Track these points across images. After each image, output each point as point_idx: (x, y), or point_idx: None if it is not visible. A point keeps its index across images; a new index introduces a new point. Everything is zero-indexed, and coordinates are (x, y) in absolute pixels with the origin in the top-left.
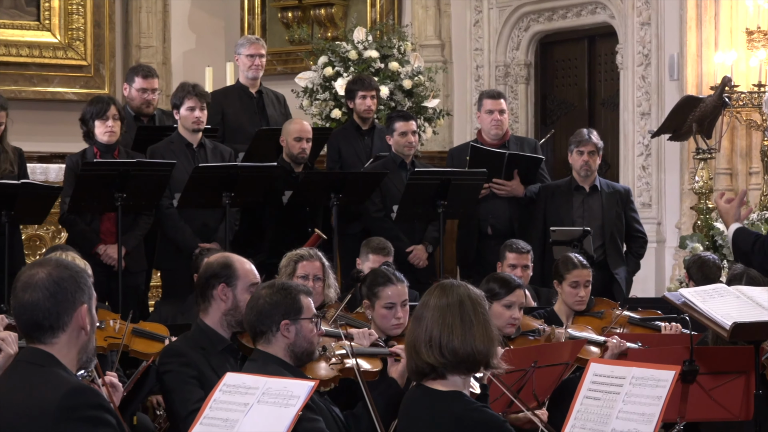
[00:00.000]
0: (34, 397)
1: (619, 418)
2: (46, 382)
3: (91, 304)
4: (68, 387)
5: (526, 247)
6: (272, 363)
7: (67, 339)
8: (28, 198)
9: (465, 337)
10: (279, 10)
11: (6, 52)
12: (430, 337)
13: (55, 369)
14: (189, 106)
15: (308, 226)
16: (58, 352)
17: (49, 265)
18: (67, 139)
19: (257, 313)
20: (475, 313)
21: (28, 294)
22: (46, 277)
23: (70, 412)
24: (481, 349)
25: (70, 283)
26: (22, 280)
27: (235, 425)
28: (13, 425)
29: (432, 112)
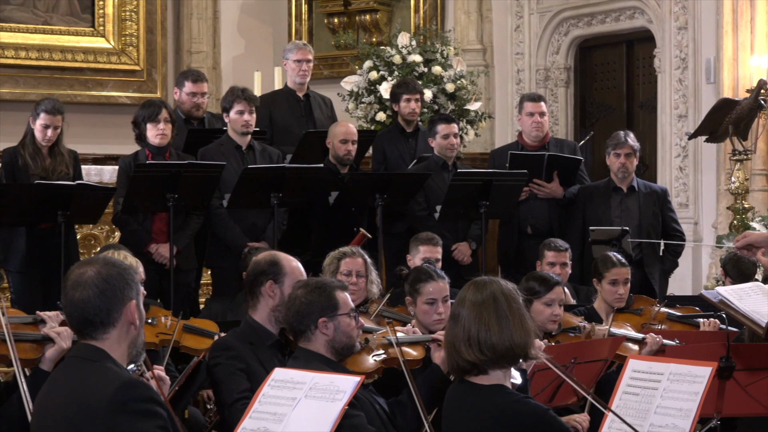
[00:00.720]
0: (88, 392)
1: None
2: (99, 377)
3: (139, 299)
4: (120, 381)
5: (564, 246)
6: (314, 360)
7: (118, 334)
8: (83, 199)
9: (502, 332)
10: (325, 16)
11: (62, 58)
12: (468, 335)
13: (107, 363)
14: (238, 109)
15: (353, 226)
16: (109, 347)
17: (98, 263)
18: (121, 141)
19: (295, 313)
20: (509, 308)
21: (78, 292)
22: (95, 275)
23: (122, 406)
24: (519, 341)
25: (118, 280)
26: (72, 278)
27: (283, 419)
28: (67, 419)
29: (474, 115)
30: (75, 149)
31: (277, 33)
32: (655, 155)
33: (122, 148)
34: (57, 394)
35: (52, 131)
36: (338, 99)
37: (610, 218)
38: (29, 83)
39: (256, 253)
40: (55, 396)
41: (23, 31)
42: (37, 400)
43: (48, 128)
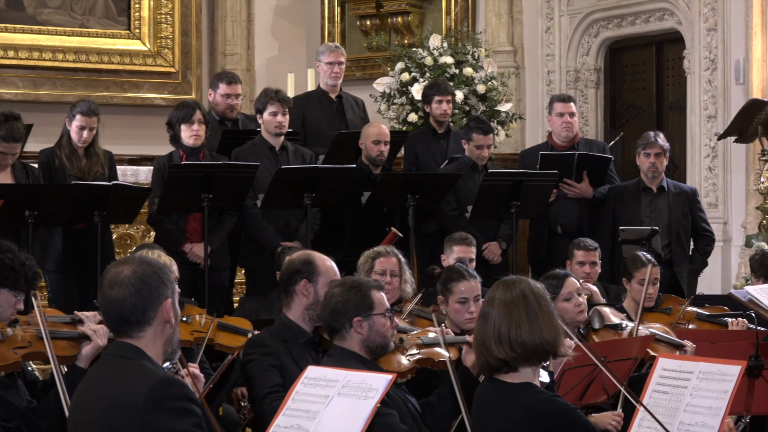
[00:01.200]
0: (124, 389)
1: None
2: (134, 375)
3: (174, 298)
4: (156, 379)
5: (593, 245)
6: (348, 358)
7: (153, 332)
8: (119, 199)
9: (533, 329)
10: (358, 19)
11: (98, 60)
12: (498, 333)
13: (143, 361)
14: (272, 111)
15: (386, 226)
16: (145, 345)
17: (133, 262)
18: (157, 142)
19: (331, 311)
20: (539, 306)
21: (115, 291)
22: (131, 274)
23: (157, 403)
24: (549, 339)
25: (153, 279)
26: (108, 277)
27: (316, 416)
28: (104, 416)
29: (505, 116)
30: (111, 150)
31: (310, 35)
32: (684, 156)
33: (157, 149)
34: (94, 391)
35: (88, 132)
36: (370, 100)
37: (640, 218)
38: (66, 85)
39: (290, 253)
40: (92, 393)
41: (61, 34)
42: (74, 396)
43: (84, 129)
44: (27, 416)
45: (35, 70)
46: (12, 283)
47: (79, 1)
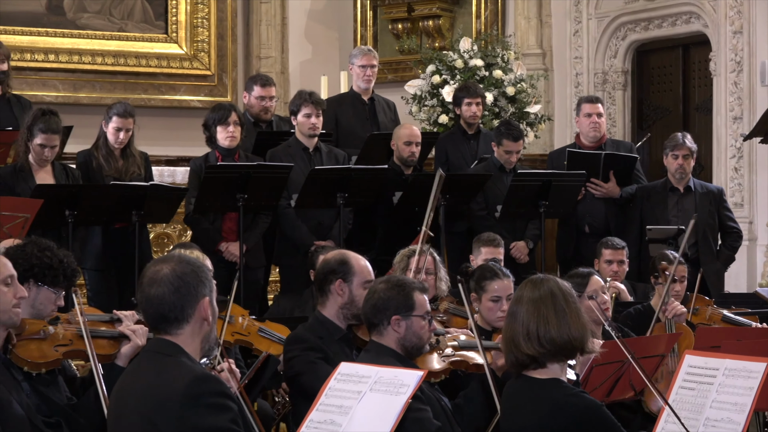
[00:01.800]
0: (162, 385)
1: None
2: (172, 371)
3: (212, 296)
4: (193, 375)
5: (621, 244)
6: (385, 354)
7: (191, 330)
8: (156, 199)
9: (560, 326)
10: (389, 22)
11: (136, 63)
12: (527, 330)
13: (180, 358)
14: (306, 112)
15: (417, 225)
16: (183, 342)
17: (172, 261)
18: (193, 143)
19: (371, 306)
20: (566, 303)
21: (154, 289)
22: (170, 273)
23: (195, 400)
24: (576, 335)
25: (192, 278)
26: (148, 276)
27: (349, 412)
28: (142, 411)
29: (534, 117)
30: (148, 151)
31: (342, 38)
32: (710, 156)
33: (194, 150)
34: (132, 386)
35: (124, 134)
36: (402, 102)
37: (667, 217)
38: (105, 88)
39: (323, 252)
40: (131, 388)
41: (100, 37)
42: (113, 393)
43: (120, 131)
44: (67, 413)
45: (75, 73)
46: (51, 280)
47: (118, 6)
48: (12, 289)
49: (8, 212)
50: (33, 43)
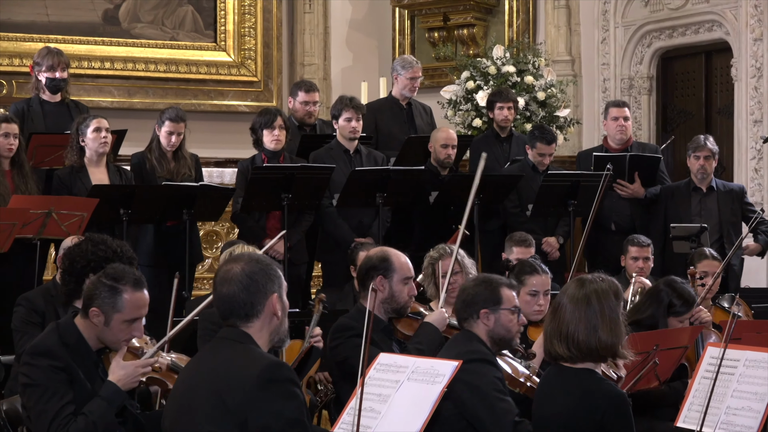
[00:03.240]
0: (235, 368)
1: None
2: (246, 356)
3: (281, 292)
4: (268, 361)
5: (646, 241)
6: (475, 340)
7: (261, 324)
8: (206, 198)
9: (589, 333)
10: (426, 31)
11: (187, 70)
12: (560, 331)
13: (251, 345)
14: (347, 117)
15: (452, 223)
16: (254, 334)
17: (243, 260)
18: (240, 146)
19: (462, 302)
20: (601, 311)
21: (226, 287)
22: (240, 272)
23: (267, 384)
24: (606, 342)
25: (261, 276)
26: (220, 275)
27: (388, 400)
28: (213, 389)
29: (563, 121)
30: (198, 153)
31: (382, 46)
32: (731, 158)
33: (241, 153)
34: (205, 370)
35: (176, 137)
36: (438, 107)
37: (690, 216)
38: (158, 94)
39: (363, 248)
40: (203, 372)
41: (152, 46)
42: (183, 374)
43: (172, 134)
44: (136, 418)
45: (129, 80)
46: None
47: (170, 16)
48: (132, 326)
49: (66, 211)
50: (90, 52)
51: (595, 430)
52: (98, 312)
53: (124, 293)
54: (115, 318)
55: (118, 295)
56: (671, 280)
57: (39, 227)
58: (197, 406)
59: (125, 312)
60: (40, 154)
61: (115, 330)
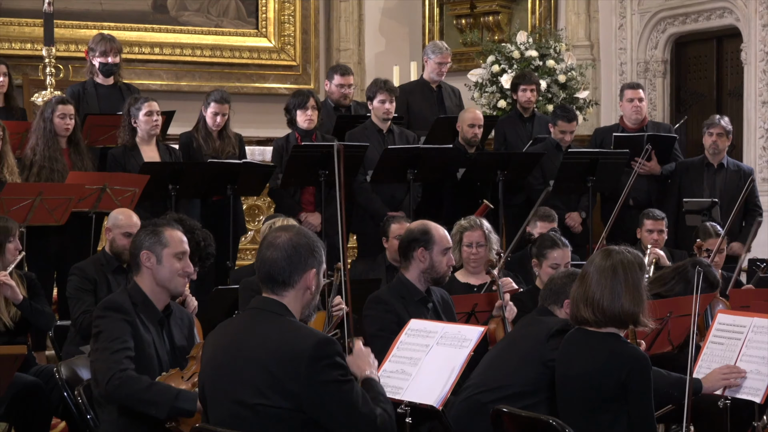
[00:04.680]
0: (288, 342)
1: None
2: (296, 332)
3: (320, 269)
4: (318, 338)
5: (660, 215)
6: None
7: (294, 295)
8: (248, 175)
9: (614, 300)
10: (454, 18)
11: (231, 55)
12: (586, 296)
13: (292, 318)
14: (380, 99)
15: (478, 198)
16: (288, 305)
17: (292, 231)
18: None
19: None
20: (626, 279)
21: (270, 252)
22: (286, 241)
23: (320, 360)
24: (628, 309)
25: (305, 249)
26: (268, 239)
27: (418, 363)
28: (262, 362)
29: (582, 102)
30: (242, 133)
31: (412, 32)
32: (741, 137)
33: (281, 132)
34: (248, 339)
35: (221, 118)
36: (465, 89)
37: (702, 191)
38: (204, 77)
39: (395, 221)
40: (246, 341)
41: (199, 33)
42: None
43: (217, 115)
44: None
45: (177, 64)
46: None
47: (215, 5)
48: (182, 262)
49: (119, 186)
50: (140, 38)
51: (618, 388)
52: (148, 254)
53: (165, 231)
54: (164, 253)
55: (160, 233)
56: (698, 262)
57: (94, 202)
58: (244, 377)
59: (171, 245)
60: (94, 133)
61: (167, 266)
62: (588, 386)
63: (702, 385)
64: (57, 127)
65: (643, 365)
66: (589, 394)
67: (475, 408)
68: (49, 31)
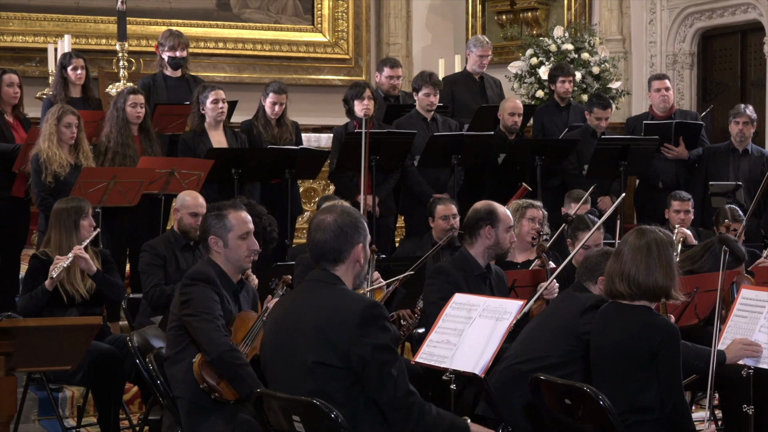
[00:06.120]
0: (340, 307)
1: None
2: (347, 297)
3: (365, 242)
4: (368, 302)
5: (687, 196)
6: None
7: (346, 268)
8: (305, 159)
9: (648, 274)
10: (495, 14)
11: (289, 49)
12: (622, 271)
13: (344, 287)
14: (425, 92)
15: (518, 181)
16: (341, 277)
17: (335, 212)
18: (334, 115)
19: (585, 268)
20: (659, 255)
21: (319, 234)
22: (332, 222)
23: (369, 321)
24: (661, 283)
25: (350, 228)
26: (315, 223)
27: (462, 333)
28: (318, 325)
29: (615, 92)
30: (298, 121)
31: (456, 28)
32: (763, 124)
33: (335, 120)
34: (304, 306)
35: (279, 107)
36: (506, 80)
37: (728, 174)
38: (263, 69)
39: (440, 202)
40: (305, 308)
41: (259, 28)
42: (278, 310)
43: (275, 105)
44: None
45: (239, 58)
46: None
47: (274, 2)
48: (247, 242)
49: (186, 170)
50: (205, 34)
51: (649, 357)
52: (215, 238)
53: (229, 214)
54: (230, 237)
55: (225, 218)
56: (725, 238)
57: (163, 184)
58: (301, 339)
59: (235, 228)
60: (163, 121)
61: (234, 248)
62: (621, 355)
63: (725, 357)
64: (129, 115)
65: (674, 336)
66: (622, 362)
67: (515, 376)
68: (122, 28)
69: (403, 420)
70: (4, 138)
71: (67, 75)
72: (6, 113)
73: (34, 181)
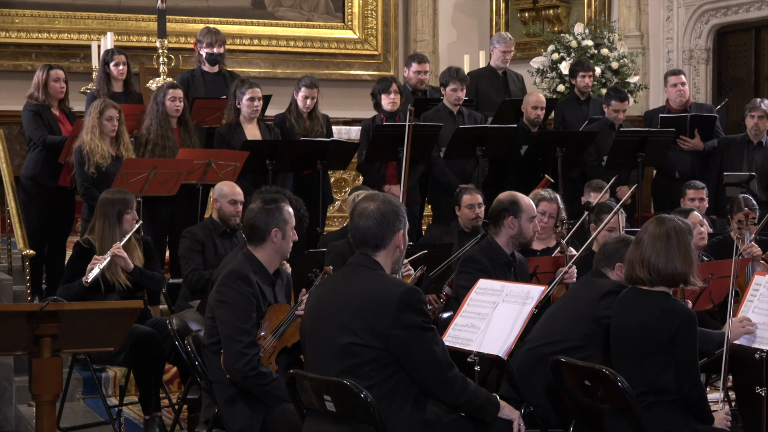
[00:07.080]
0: (381, 290)
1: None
2: (387, 281)
3: (405, 229)
4: (407, 287)
5: (701, 185)
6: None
7: (386, 254)
8: (335, 151)
9: (668, 261)
10: (518, 11)
11: (321, 46)
12: (642, 258)
13: (383, 272)
14: (452, 87)
15: (540, 172)
16: (381, 262)
17: (377, 200)
18: (364, 108)
19: (603, 254)
20: (678, 243)
21: (362, 221)
22: (375, 209)
23: (408, 304)
24: (680, 270)
25: (391, 215)
26: (358, 210)
27: (486, 318)
28: (358, 307)
29: (633, 86)
30: (329, 114)
31: (481, 25)
32: None
33: (364, 113)
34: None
35: (311, 101)
36: (528, 75)
37: (742, 165)
38: (296, 65)
39: (465, 192)
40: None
41: (292, 26)
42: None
43: (307, 98)
44: None
45: (273, 54)
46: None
47: (306, 1)
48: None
49: (223, 161)
50: (241, 31)
51: (668, 341)
52: (277, 231)
53: (285, 207)
54: (287, 229)
55: (283, 210)
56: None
57: (201, 175)
58: (341, 320)
59: (290, 221)
60: (201, 115)
61: (288, 239)
62: (640, 338)
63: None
64: (168, 109)
65: (691, 320)
66: (640, 345)
67: (537, 358)
68: (162, 26)
69: (449, 391)
70: (51, 131)
71: (109, 71)
72: (53, 107)
73: (77, 172)
